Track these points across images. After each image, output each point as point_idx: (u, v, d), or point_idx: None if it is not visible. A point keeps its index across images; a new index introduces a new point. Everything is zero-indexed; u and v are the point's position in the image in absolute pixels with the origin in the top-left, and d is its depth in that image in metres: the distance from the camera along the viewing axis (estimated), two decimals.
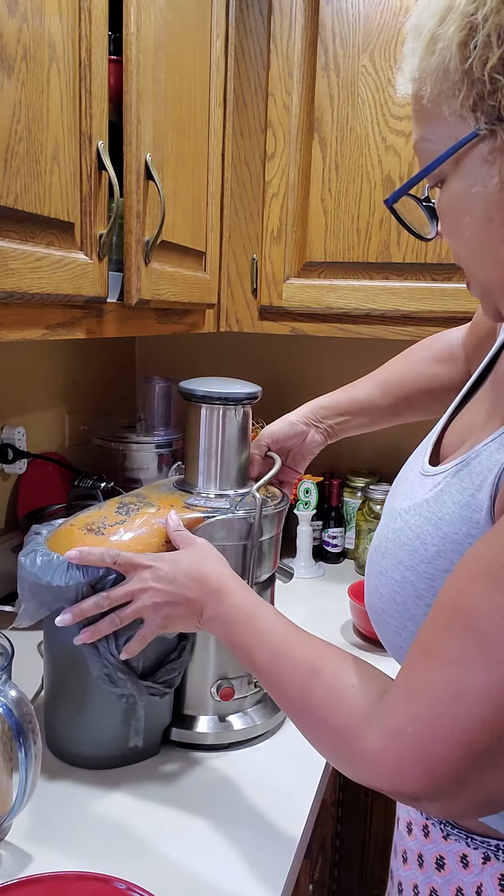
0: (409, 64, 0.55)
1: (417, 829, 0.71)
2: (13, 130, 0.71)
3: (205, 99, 1.22)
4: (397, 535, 0.63)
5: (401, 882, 0.73)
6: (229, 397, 0.93)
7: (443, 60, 0.51)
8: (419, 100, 0.55)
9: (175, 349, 1.85)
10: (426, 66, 0.53)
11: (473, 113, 0.52)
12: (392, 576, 0.62)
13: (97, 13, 0.83)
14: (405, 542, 0.61)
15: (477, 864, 0.64)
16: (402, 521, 0.63)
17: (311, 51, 1.27)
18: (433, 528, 0.59)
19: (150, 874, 0.72)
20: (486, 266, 0.57)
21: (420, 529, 0.60)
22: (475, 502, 0.56)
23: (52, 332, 0.84)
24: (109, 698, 0.86)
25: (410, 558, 0.60)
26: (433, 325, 1.28)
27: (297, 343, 1.74)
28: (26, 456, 1.38)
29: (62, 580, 0.82)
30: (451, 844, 0.66)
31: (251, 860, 0.76)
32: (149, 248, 0.99)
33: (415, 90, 0.55)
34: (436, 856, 0.68)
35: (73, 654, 0.85)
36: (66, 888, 0.67)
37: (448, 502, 0.58)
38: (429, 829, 0.69)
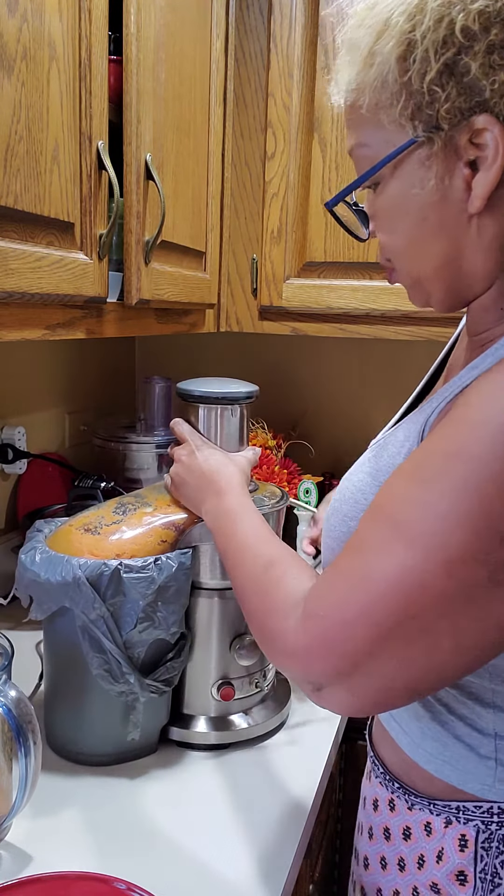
0: (345, 76, 0.59)
1: (383, 804, 0.73)
2: (13, 130, 0.71)
3: (205, 99, 1.22)
4: (342, 494, 0.69)
5: (366, 857, 0.75)
6: (226, 397, 0.93)
7: (381, 73, 0.56)
8: (356, 109, 0.60)
9: (175, 349, 1.85)
10: (364, 79, 0.58)
11: (412, 121, 0.56)
12: (339, 529, 0.68)
13: (97, 13, 0.83)
14: (348, 496, 0.67)
15: (439, 829, 0.66)
16: (348, 482, 0.69)
17: (312, 51, 1.27)
18: (371, 479, 0.65)
19: (150, 874, 0.72)
20: (419, 261, 0.62)
21: (361, 483, 0.66)
22: (405, 449, 0.62)
23: (52, 332, 0.84)
24: (108, 695, 0.86)
25: (352, 509, 0.66)
26: (433, 324, 1.28)
27: (297, 343, 1.74)
28: (26, 456, 1.38)
29: (59, 576, 0.82)
30: (416, 814, 0.68)
31: (251, 860, 0.76)
32: (149, 248, 0.99)
33: (352, 100, 0.60)
34: (402, 827, 0.70)
35: (72, 652, 0.85)
36: (66, 888, 0.67)
37: (383, 455, 0.65)
38: (394, 802, 0.71)
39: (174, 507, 0.91)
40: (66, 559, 0.84)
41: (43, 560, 0.85)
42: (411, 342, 1.34)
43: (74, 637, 0.84)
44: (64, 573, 0.83)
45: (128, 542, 0.87)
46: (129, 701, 0.88)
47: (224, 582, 0.93)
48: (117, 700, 0.87)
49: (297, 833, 0.80)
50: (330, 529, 0.70)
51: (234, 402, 0.94)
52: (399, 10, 0.54)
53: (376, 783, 0.75)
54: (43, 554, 0.86)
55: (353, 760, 1.19)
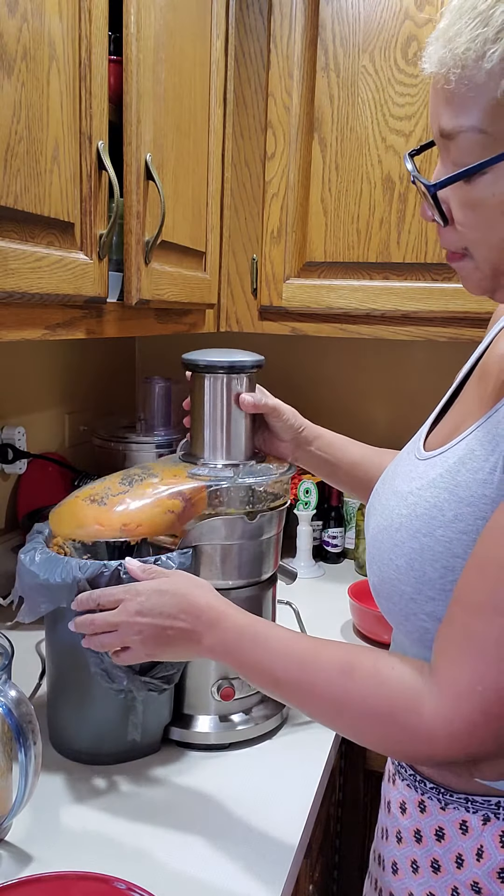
0: (471, 50, 0.53)
1: (412, 806, 0.72)
2: (13, 130, 0.71)
3: (205, 99, 1.22)
4: (412, 510, 0.66)
5: (395, 862, 0.74)
6: (234, 366, 0.92)
7: None
8: (486, 91, 0.54)
9: (175, 349, 1.84)
10: (503, 62, 0.52)
11: None
12: (409, 545, 0.65)
13: (97, 13, 0.83)
14: (422, 513, 0.65)
15: (477, 827, 0.66)
16: (416, 496, 0.67)
17: (311, 51, 1.28)
18: (450, 495, 0.63)
19: (150, 874, 0.72)
20: None
21: (437, 499, 0.64)
22: (488, 465, 0.60)
23: (52, 332, 0.84)
24: (108, 694, 0.86)
25: (428, 526, 0.64)
26: (433, 324, 1.28)
27: (297, 343, 1.74)
28: (26, 456, 1.38)
29: (58, 577, 0.82)
30: (450, 814, 0.68)
31: (251, 860, 0.76)
32: (149, 248, 0.99)
33: (481, 80, 0.54)
34: (434, 828, 0.69)
35: (73, 651, 0.85)
36: (66, 888, 0.67)
37: (463, 471, 0.63)
38: (425, 804, 0.70)
39: (181, 477, 0.90)
40: (65, 561, 0.84)
41: (42, 561, 0.85)
42: (411, 342, 1.34)
43: (75, 637, 0.84)
44: (63, 574, 0.82)
45: (134, 513, 0.86)
46: (128, 700, 0.88)
47: (224, 582, 0.93)
48: (117, 699, 0.87)
49: (297, 833, 0.80)
50: (395, 544, 0.67)
51: (242, 371, 0.93)
52: None
53: (402, 786, 0.74)
54: (43, 554, 0.86)
55: (353, 760, 1.19)
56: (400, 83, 1.23)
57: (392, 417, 1.71)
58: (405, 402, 1.69)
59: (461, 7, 0.55)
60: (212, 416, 0.93)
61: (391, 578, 0.67)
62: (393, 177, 1.26)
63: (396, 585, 0.66)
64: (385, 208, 1.28)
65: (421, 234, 1.26)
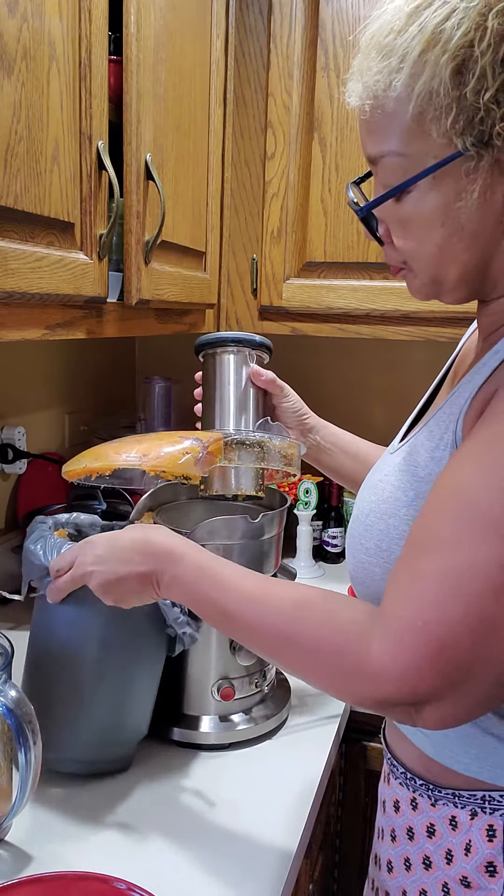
0: (379, 82, 0.58)
1: (405, 804, 0.73)
2: (13, 130, 0.71)
3: (205, 99, 1.22)
4: (379, 496, 0.69)
5: (390, 861, 0.75)
6: (244, 340, 0.93)
7: (430, 85, 0.55)
8: (394, 117, 0.58)
9: (175, 349, 1.85)
10: (408, 88, 0.57)
11: (462, 136, 0.56)
12: (377, 527, 0.67)
13: (97, 13, 0.83)
14: (387, 496, 0.67)
15: (465, 822, 0.67)
16: (384, 483, 0.69)
17: (311, 51, 1.27)
18: (410, 476, 0.65)
19: (150, 874, 0.72)
20: (446, 266, 0.63)
21: (399, 482, 0.67)
22: (443, 443, 0.63)
23: (52, 332, 0.84)
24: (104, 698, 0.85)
25: (392, 507, 0.66)
26: (433, 324, 1.28)
27: (297, 343, 1.74)
28: (26, 456, 1.38)
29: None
30: (440, 810, 0.69)
31: (251, 860, 0.76)
32: (149, 248, 0.99)
33: (390, 108, 0.58)
34: (426, 825, 0.70)
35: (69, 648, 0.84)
36: (66, 888, 0.67)
37: (420, 451, 0.65)
38: (416, 801, 0.71)
39: (201, 433, 0.89)
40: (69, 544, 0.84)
41: (51, 546, 0.84)
42: (411, 342, 1.34)
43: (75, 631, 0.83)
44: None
45: (153, 447, 0.84)
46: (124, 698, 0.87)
47: None
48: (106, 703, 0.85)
49: (297, 833, 0.80)
50: (365, 529, 0.69)
51: (253, 347, 0.94)
52: (452, 23, 0.54)
53: (396, 785, 0.75)
54: (50, 541, 0.85)
55: (353, 760, 1.20)
56: None
57: (392, 417, 1.71)
58: (405, 403, 1.68)
59: (368, 43, 0.60)
60: (222, 390, 0.93)
61: (363, 562, 0.69)
62: None
63: (369, 568, 0.68)
64: None
65: None
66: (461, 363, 0.76)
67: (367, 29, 0.60)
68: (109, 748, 0.88)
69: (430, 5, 0.55)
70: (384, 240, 0.67)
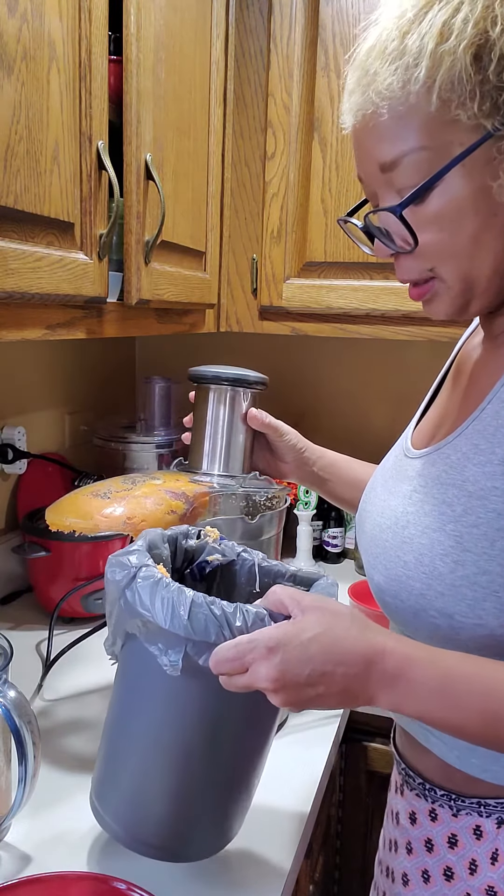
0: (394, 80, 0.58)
1: (423, 816, 0.72)
2: (13, 130, 0.71)
3: (205, 99, 1.22)
4: (419, 507, 0.66)
5: (405, 874, 0.74)
6: (239, 379, 0.92)
7: (452, 73, 0.56)
8: (419, 110, 0.58)
9: (175, 349, 1.85)
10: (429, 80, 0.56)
11: (489, 117, 0.56)
12: (419, 541, 0.65)
13: (97, 13, 0.83)
14: (429, 509, 0.65)
15: (491, 831, 0.66)
16: (422, 494, 0.67)
17: (311, 51, 1.27)
18: (458, 490, 0.63)
19: (150, 874, 0.72)
20: (480, 260, 0.61)
21: (444, 496, 0.64)
22: (496, 458, 0.61)
23: (52, 332, 0.84)
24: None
25: (437, 522, 0.64)
26: (434, 324, 1.28)
27: (298, 343, 1.74)
28: (26, 456, 1.38)
29: (205, 631, 0.60)
30: (463, 820, 0.68)
31: (252, 860, 0.76)
32: (149, 248, 0.99)
33: (412, 102, 0.58)
34: (446, 836, 0.69)
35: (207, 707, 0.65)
36: (66, 888, 0.67)
37: (469, 465, 0.63)
38: (436, 812, 0.70)
39: (184, 482, 0.90)
40: (206, 602, 0.61)
41: (179, 603, 0.61)
42: (411, 342, 1.34)
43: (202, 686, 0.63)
44: (207, 625, 0.60)
45: (138, 509, 0.84)
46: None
47: None
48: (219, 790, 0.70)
49: (297, 833, 0.80)
50: (403, 541, 0.66)
51: (247, 386, 0.93)
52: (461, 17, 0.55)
53: (412, 796, 0.73)
54: (168, 590, 0.62)
55: (353, 760, 1.20)
56: None
57: (392, 417, 1.71)
58: (406, 403, 1.69)
59: (367, 58, 0.60)
60: (213, 428, 0.93)
61: (399, 576, 0.66)
62: None
63: (405, 582, 0.65)
64: None
65: None
66: (463, 364, 0.75)
67: (361, 47, 0.61)
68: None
69: (432, 8, 0.56)
70: (404, 249, 0.63)
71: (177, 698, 0.65)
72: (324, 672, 0.56)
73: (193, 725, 0.66)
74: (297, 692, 0.56)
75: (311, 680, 0.56)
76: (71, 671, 1.11)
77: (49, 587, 1.28)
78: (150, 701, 0.67)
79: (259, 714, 0.69)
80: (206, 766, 0.67)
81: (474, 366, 0.72)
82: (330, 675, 0.56)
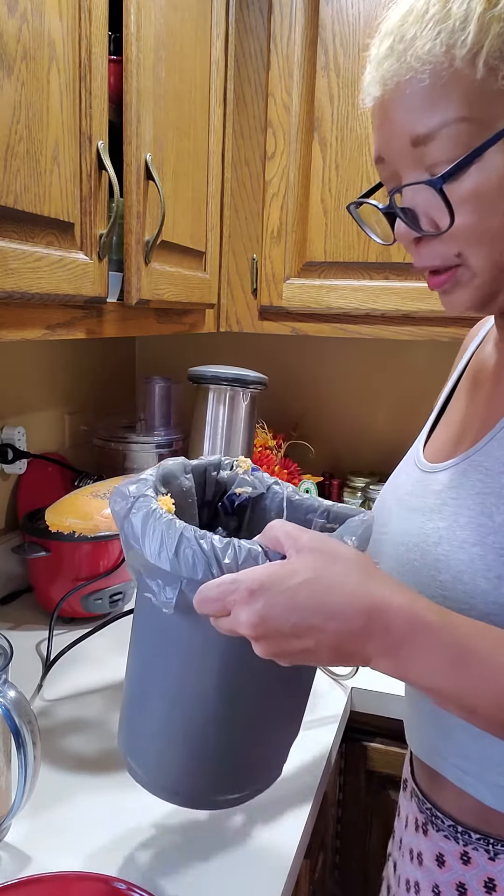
0: (436, 44, 0.54)
1: (452, 859, 0.68)
2: (13, 130, 0.71)
3: (205, 99, 1.22)
4: (453, 521, 0.62)
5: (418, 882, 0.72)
6: (238, 379, 0.92)
7: (501, 39, 0.52)
8: (462, 78, 0.54)
9: (175, 349, 1.85)
10: (477, 45, 0.53)
11: None
12: (457, 557, 0.60)
13: (97, 13, 0.83)
14: (465, 522, 0.61)
15: None
16: (454, 506, 0.62)
17: (311, 51, 1.27)
18: (497, 498, 0.59)
19: (150, 874, 0.72)
20: None
21: (482, 506, 0.60)
22: None
23: (52, 332, 0.84)
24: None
25: (476, 535, 0.59)
26: (434, 324, 1.28)
27: (298, 343, 1.74)
28: (26, 456, 1.38)
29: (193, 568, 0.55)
30: (501, 864, 0.64)
31: (251, 860, 0.76)
32: (149, 248, 0.99)
33: (458, 66, 0.54)
34: (482, 880, 0.66)
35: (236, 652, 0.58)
36: (66, 888, 0.67)
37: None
38: (469, 855, 0.66)
39: None
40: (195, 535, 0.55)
41: (169, 538, 0.56)
42: (412, 342, 1.34)
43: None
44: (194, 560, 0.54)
45: None
46: None
47: None
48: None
49: (297, 833, 0.80)
50: (437, 560, 0.62)
51: (246, 385, 0.93)
52: None
53: (439, 837, 0.69)
54: (164, 524, 0.57)
55: (353, 760, 1.19)
56: None
57: (393, 418, 1.71)
58: (406, 403, 1.69)
59: (402, 23, 0.56)
60: (213, 427, 0.93)
61: (434, 598, 0.60)
62: None
63: (442, 604, 0.57)
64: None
65: None
66: (479, 372, 0.72)
67: (390, 15, 0.57)
68: None
69: None
70: (431, 231, 0.58)
71: (181, 638, 0.60)
72: (312, 625, 0.49)
73: (203, 666, 0.60)
74: (280, 643, 0.50)
75: (296, 631, 0.49)
76: (71, 671, 1.11)
77: (49, 587, 1.28)
78: (157, 640, 0.63)
79: None
80: (223, 711, 0.61)
81: (494, 370, 0.69)
82: (319, 628, 0.49)
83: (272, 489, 0.72)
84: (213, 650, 0.59)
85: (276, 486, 0.72)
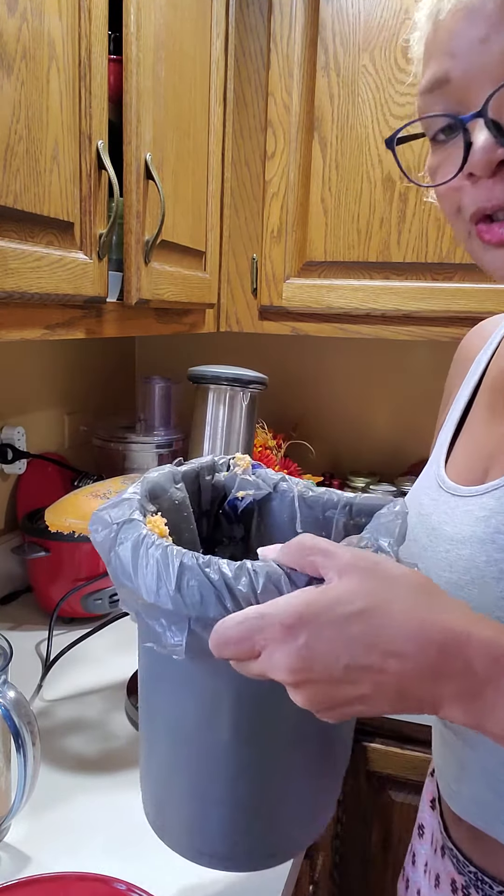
0: None
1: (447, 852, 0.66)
2: (13, 130, 0.71)
3: (205, 98, 1.22)
4: (482, 547, 0.56)
5: None
6: (238, 379, 0.92)
7: None
8: None
9: (175, 349, 1.85)
10: None
11: None
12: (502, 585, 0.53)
13: (97, 12, 0.83)
14: (502, 544, 0.55)
15: None
16: (485, 534, 0.56)
17: (312, 50, 1.27)
18: None
19: (150, 874, 0.72)
20: None
21: None
22: None
23: (51, 332, 0.84)
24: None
25: None
26: (435, 324, 1.28)
27: (298, 343, 1.74)
28: (26, 456, 1.38)
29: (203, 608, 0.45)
30: None
31: None
32: (149, 248, 0.99)
33: None
34: None
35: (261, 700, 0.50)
36: (66, 888, 0.67)
37: None
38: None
39: None
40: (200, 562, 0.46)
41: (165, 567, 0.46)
42: (412, 342, 1.34)
43: None
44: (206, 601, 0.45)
45: None
46: None
47: None
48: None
49: None
50: (480, 592, 0.56)
51: (245, 385, 0.93)
52: None
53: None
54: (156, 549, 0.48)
55: (353, 760, 1.19)
56: (400, 82, 1.23)
57: (393, 418, 1.71)
58: (407, 403, 1.69)
59: None
60: (213, 428, 0.93)
61: None
62: (393, 176, 1.26)
63: None
64: (385, 208, 1.28)
65: (421, 234, 1.26)
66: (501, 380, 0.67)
67: None
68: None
69: None
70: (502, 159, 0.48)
71: (192, 685, 0.51)
72: (367, 665, 0.39)
73: (220, 716, 0.51)
74: (327, 690, 0.40)
75: (349, 675, 0.39)
76: (71, 671, 1.11)
77: (49, 587, 1.28)
78: (165, 687, 0.53)
79: None
80: (239, 765, 0.53)
81: None
82: (378, 669, 0.39)
83: (280, 487, 0.64)
84: (244, 700, 0.49)
85: (283, 484, 0.64)
